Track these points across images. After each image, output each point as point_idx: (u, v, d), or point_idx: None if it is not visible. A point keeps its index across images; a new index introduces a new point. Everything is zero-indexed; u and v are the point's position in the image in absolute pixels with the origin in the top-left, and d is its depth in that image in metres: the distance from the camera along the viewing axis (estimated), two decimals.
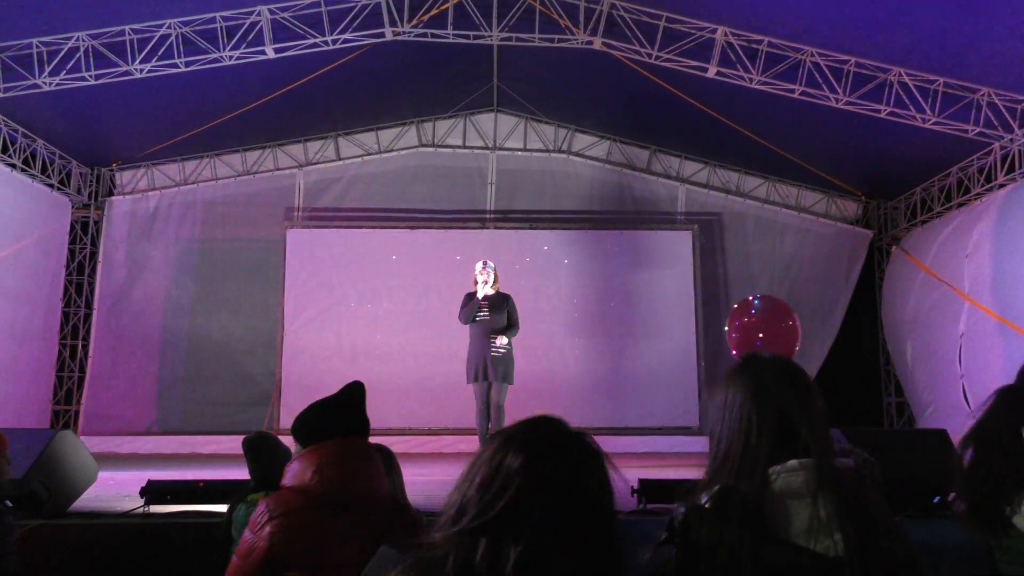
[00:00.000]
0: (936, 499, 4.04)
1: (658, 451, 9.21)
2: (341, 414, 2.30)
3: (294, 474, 2.14)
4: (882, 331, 10.83)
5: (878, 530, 1.32)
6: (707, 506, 1.42)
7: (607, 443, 8.23)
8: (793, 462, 1.40)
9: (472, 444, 8.27)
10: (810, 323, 10.57)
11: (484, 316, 6.73)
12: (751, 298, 8.34)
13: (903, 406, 10.61)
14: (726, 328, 8.27)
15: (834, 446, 1.52)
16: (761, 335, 7.79)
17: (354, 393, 2.36)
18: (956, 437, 5.25)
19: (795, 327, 7.92)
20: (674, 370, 10.27)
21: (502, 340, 6.70)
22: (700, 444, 9.28)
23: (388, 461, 2.93)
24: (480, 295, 6.84)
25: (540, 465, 1.26)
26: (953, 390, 8.79)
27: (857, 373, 10.58)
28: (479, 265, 6.99)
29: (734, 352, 8.03)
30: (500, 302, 6.83)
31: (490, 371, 6.64)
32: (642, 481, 4.02)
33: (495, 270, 6.97)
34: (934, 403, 9.38)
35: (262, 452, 3.31)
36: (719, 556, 1.33)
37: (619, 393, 10.31)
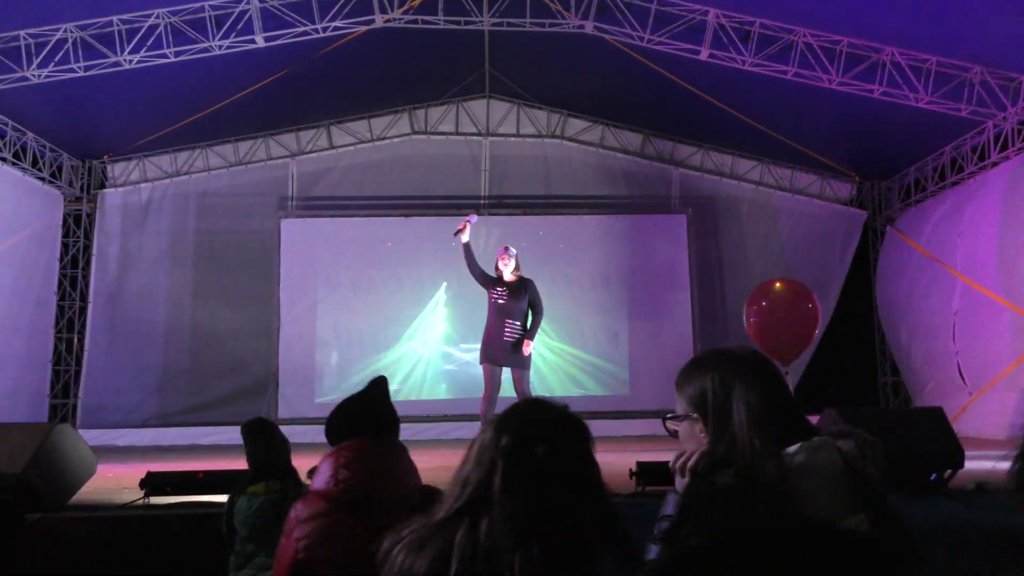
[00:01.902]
0: (933, 476, 4.07)
1: (655, 434, 9.23)
2: (363, 412, 2.28)
3: (318, 476, 2.14)
4: (877, 311, 10.86)
5: (888, 510, 1.33)
6: (724, 488, 1.42)
7: (604, 426, 8.24)
8: (816, 439, 1.42)
9: (472, 429, 8.27)
10: None
11: (502, 301, 6.71)
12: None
13: (899, 385, 10.66)
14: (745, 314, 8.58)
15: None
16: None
17: (375, 389, 2.35)
18: (952, 414, 5.27)
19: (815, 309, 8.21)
20: (670, 353, 10.27)
21: (528, 347, 6.65)
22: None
23: None
24: (508, 280, 6.80)
25: (522, 447, 1.32)
26: (948, 367, 8.84)
27: (852, 353, 10.62)
28: (500, 251, 6.95)
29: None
30: (519, 288, 6.81)
31: (504, 356, 6.62)
32: (640, 463, 4.04)
33: (516, 257, 6.95)
34: (930, 381, 9.43)
35: (260, 437, 3.31)
36: (746, 538, 1.33)
37: (615, 377, 10.34)
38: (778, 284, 8.85)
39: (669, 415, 1.65)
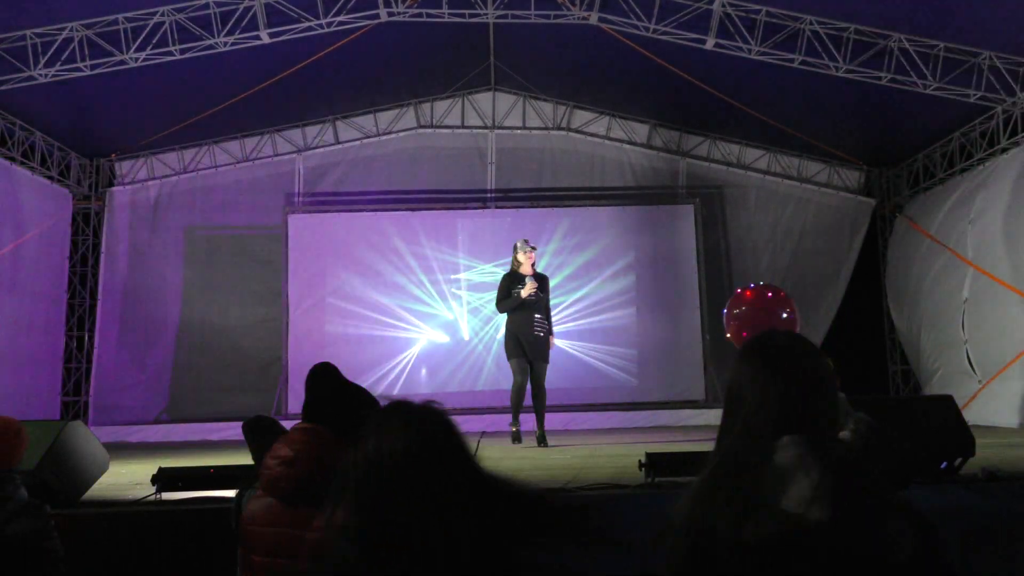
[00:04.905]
0: (943, 465, 4.05)
1: (665, 424, 9.24)
2: (306, 402, 2.42)
3: None
4: (886, 299, 10.82)
5: (867, 509, 1.30)
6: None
7: (613, 417, 8.22)
8: (786, 437, 1.40)
9: (480, 423, 8.30)
10: (814, 293, 10.58)
11: (531, 296, 6.71)
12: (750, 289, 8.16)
13: (908, 373, 10.62)
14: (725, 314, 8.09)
15: (839, 419, 1.53)
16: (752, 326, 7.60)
17: (308, 379, 2.46)
18: (961, 402, 5.24)
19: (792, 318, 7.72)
20: (679, 344, 10.28)
21: (553, 342, 6.86)
22: (706, 417, 9.35)
23: None
24: (528, 275, 6.77)
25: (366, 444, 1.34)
26: (958, 356, 8.80)
27: (862, 342, 10.58)
28: (521, 243, 6.87)
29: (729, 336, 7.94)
30: (544, 283, 6.86)
31: (534, 350, 6.63)
32: (649, 455, 4.04)
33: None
34: (939, 369, 9.39)
35: (259, 435, 3.32)
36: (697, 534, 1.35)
37: (624, 368, 10.33)
38: (748, 294, 7.99)
39: None
